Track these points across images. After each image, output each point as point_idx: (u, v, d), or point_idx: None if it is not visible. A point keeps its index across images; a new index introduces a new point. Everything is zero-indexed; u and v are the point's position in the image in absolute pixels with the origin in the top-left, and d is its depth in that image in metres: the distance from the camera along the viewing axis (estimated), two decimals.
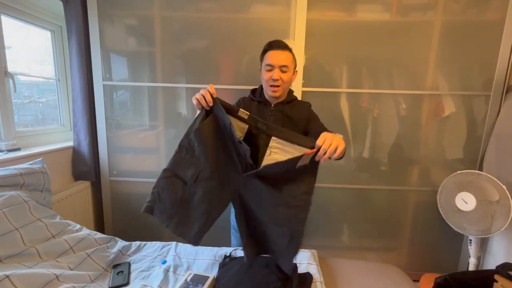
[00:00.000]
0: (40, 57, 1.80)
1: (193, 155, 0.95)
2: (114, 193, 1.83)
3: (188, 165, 0.95)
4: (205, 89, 0.94)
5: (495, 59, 1.58)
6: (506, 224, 1.32)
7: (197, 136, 0.94)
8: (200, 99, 0.92)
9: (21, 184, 1.12)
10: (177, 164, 0.96)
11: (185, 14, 1.63)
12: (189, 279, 0.97)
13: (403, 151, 1.72)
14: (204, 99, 0.92)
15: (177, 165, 0.95)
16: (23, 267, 0.89)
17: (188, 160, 0.95)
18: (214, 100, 0.93)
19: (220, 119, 0.95)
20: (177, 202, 0.94)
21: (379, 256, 1.87)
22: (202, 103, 0.92)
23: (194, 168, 0.95)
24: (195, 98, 0.93)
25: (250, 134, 0.98)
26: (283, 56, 1.10)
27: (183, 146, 0.96)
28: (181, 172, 0.95)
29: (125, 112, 1.77)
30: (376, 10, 1.59)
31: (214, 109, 0.95)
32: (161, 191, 0.95)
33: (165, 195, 0.94)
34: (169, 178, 0.95)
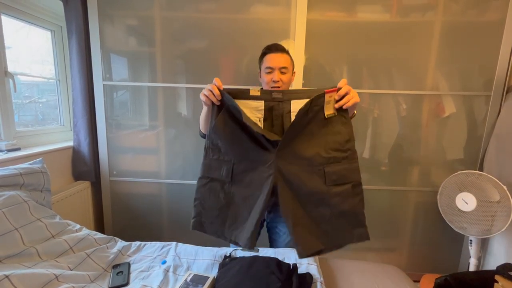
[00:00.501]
0: (40, 57, 1.80)
1: (220, 154, 0.94)
2: (114, 193, 1.83)
3: (219, 165, 0.94)
4: (212, 84, 0.93)
5: (495, 59, 1.58)
6: (506, 224, 1.32)
7: (217, 133, 0.93)
8: (209, 95, 0.92)
9: (21, 184, 1.12)
10: (209, 168, 0.95)
11: (185, 14, 1.63)
12: (189, 279, 0.96)
13: (403, 152, 1.72)
14: (212, 94, 0.92)
15: (209, 169, 0.95)
16: (23, 267, 0.89)
17: (217, 160, 0.94)
18: (221, 93, 0.93)
19: (232, 109, 0.94)
20: (223, 206, 0.93)
21: (379, 257, 1.86)
22: (212, 98, 0.92)
23: (226, 166, 0.94)
24: (203, 94, 0.93)
25: (270, 110, 0.95)
26: (282, 59, 1.14)
27: (208, 148, 0.95)
28: (216, 174, 0.94)
29: (125, 112, 1.77)
30: (376, 10, 1.59)
31: (224, 102, 0.94)
32: (203, 201, 0.94)
33: (209, 202, 0.94)
34: (206, 184, 0.95)
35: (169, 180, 1.80)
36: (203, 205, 0.94)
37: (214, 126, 0.93)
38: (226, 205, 0.93)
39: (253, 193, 0.92)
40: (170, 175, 1.80)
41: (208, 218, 0.94)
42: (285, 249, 1.21)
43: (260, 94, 0.94)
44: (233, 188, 0.93)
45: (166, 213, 1.85)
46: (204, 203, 0.94)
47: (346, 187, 0.90)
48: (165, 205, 1.84)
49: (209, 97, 0.92)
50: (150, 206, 1.84)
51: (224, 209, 0.93)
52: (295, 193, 0.92)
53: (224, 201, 0.93)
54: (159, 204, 1.84)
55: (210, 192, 0.94)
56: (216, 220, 0.94)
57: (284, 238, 1.25)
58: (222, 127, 0.93)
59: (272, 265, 0.99)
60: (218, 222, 0.94)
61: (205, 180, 0.95)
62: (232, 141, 0.93)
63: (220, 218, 0.93)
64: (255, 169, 0.93)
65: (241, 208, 0.93)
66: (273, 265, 0.99)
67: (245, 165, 0.93)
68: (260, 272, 0.97)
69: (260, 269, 0.98)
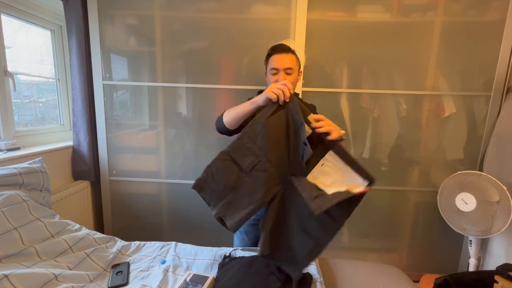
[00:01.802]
0: (40, 57, 1.80)
1: (254, 145, 0.96)
2: (113, 193, 1.82)
3: (247, 153, 0.96)
4: (283, 84, 0.94)
5: (496, 59, 1.58)
6: (506, 224, 1.32)
7: (264, 127, 0.95)
8: (279, 94, 0.93)
9: (20, 183, 1.12)
10: (236, 149, 0.97)
11: (185, 14, 1.63)
12: (188, 279, 0.96)
13: (403, 152, 1.72)
14: (283, 94, 0.93)
15: (236, 151, 0.97)
16: (22, 266, 0.89)
17: (248, 148, 0.96)
18: (291, 97, 0.95)
19: (290, 116, 0.96)
20: (229, 186, 0.96)
21: (379, 257, 1.86)
22: (281, 98, 0.94)
23: (253, 157, 0.96)
24: (272, 92, 0.94)
25: (309, 140, 0.98)
26: (287, 59, 1.13)
27: (246, 133, 0.97)
28: (239, 158, 0.96)
29: (125, 112, 1.77)
30: (377, 10, 1.59)
31: (287, 105, 0.96)
32: (215, 172, 0.96)
33: (219, 176, 0.96)
34: (225, 161, 0.97)
35: (169, 180, 1.80)
36: (213, 175, 0.97)
37: (266, 122, 0.95)
38: (232, 187, 0.96)
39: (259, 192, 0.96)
40: (169, 175, 1.80)
41: (211, 187, 0.97)
42: None
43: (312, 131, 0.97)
44: (247, 178, 0.96)
45: (166, 213, 1.85)
46: (214, 174, 0.96)
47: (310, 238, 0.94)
48: (164, 205, 1.84)
49: (279, 96, 0.93)
50: (149, 206, 1.84)
51: (228, 189, 0.96)
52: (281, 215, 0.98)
53: (233, 183, 0.96)
54: (158, 204, 1.84)
55: (226, 169, 0.96)
56: (215, 193, 0.97)
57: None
58: (272, 127, 0.95)
59: (271, 265, 0.99)
60: (216, 196, 0.97)
61: (226, 156, 0.97)
62: (272, 142, 0.96)
63: (220, 194, 0.97)
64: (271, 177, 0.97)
65: (244, 197, 0.96)
66: (273, 265, 0.99)
67: (269, 166, 0.96)
68: (260, 272, 0.97)
69: (260, 269, 0.98)
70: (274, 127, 0.96)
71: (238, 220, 0.94)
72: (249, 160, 0.96)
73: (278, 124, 0.96)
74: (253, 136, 0.97)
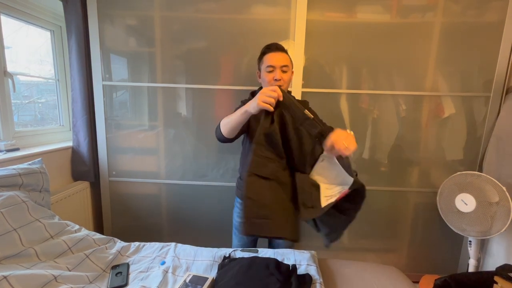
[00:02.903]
0: (40, 57, 1.80)
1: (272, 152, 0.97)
2: (113, 194, 1.82)
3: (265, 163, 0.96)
4: (272, 89, 0.92)
5: (495, 60, 1.58)
6: (506, 225, 1.32)
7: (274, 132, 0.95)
8: (272, 102, 0.91)
9: (20, 184, 1.12)
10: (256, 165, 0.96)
11: (185, 14, 1.63)
12: (188, 280, 0.96)
13: (403, 152, 1.72)
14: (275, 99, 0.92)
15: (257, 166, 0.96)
16: (21, 268, 0.89)
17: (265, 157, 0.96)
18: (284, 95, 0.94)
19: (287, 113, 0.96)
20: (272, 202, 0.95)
21: (378, 257, 1.86)
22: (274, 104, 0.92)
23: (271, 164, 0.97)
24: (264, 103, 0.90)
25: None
26: (282, 57, 1.14)
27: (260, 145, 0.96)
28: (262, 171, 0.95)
29: (124, 112, 1.76)
30: (376, 11, 1.59)
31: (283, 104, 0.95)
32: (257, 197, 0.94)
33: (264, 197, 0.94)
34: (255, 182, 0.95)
35: (169, 180, 1.80)
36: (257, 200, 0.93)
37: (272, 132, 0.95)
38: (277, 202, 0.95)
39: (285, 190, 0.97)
40: (169, 176, 1.79)
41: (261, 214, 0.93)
42: (284, 250, 1.20)
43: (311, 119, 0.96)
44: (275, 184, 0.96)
45: (166, 213, 1.85)
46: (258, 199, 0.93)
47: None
48: (164, 205, 1.84)
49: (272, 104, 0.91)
50: (149, 206, 1.83)
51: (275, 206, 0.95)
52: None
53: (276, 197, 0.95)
54: (158, 204, 1.84)
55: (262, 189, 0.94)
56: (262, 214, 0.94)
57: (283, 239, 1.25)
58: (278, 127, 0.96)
59: (271, 265, 0.99)
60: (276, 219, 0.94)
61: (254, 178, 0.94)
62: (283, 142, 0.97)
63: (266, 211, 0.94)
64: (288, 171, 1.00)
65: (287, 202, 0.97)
66: (273, 265, 0.99)
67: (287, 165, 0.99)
68: (260, 273, 0.97)
69: (260, 270, 0.98)
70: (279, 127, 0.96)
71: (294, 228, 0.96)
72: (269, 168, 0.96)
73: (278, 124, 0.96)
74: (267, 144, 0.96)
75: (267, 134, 0.95)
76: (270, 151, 0.96)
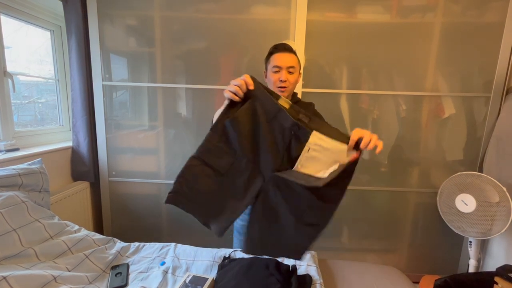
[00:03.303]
0: (40, 57, 1.80)
1: (227, 144, 0.90)
2: (113, 194, 1.82)
3: (220, 154, 0.90)
4: (241, 79, 0.85)
5: (495, 60, 1.58)
6: (506, 226, 1.32)
7: (234, 124, 0.88)
8: (237, 91, 0.84)
9: (19, 184, 1.11)
10: (207, 152, 0.91)
11: (185, 14, 1.63)
12: (188, 280, 0.96)
13: (403, 152, 1.72)
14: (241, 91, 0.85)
15: (207, 153, 0.91)
16: (21, 268, 0.88)
17: (221, 148, 0.90)
18: (255, 84, 0.86)
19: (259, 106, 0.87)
20: (207, 192, 0.91)
21: (379, 258, 1.86)
22: (240, 93, 0.84)
23: (227, 158, 0.90)
24: (229, 91, 0.85)
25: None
26: (289, 58, 1.12)
27: (215, 133, 0.90)
28: (212, 160, 0.90)
29: (124, 112, 1.76)
30: (376, 11, 1.59)
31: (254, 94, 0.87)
32: (190, 180, 0.91)
33: (195, 184, 0.91)
34: (197, 166, 0.91)
35: (169, 180, 1.79)
36: (187, 184, 0.91)
37: (235, 117, 0.87)
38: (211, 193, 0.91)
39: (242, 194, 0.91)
40: (169, 176, 1.79)
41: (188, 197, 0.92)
42: None
43: (288, 108, 0.88)
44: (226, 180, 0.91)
45: (165, 214, 1.84)
46: (189, 183, 0.91)
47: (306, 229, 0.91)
48: (164, 206, 1.83)
49: (237, 94, 0.85)
50: (149, 206, 1.83)
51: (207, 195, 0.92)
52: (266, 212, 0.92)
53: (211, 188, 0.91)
54: (158, 204, 1.83)
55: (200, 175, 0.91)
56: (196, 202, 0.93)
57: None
58: (243, 121, 0.87)
59: (271, 266, 0.99)
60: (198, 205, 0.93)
61: (197, 161, 0.91)
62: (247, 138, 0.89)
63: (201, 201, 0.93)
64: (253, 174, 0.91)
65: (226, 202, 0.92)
66: (272, 266, 0.98)
67: (247, 165, 0.90)
68: (260, 273, 0.97)
69: (260, 271, 0.98)
70: (244, 121, 0.87)
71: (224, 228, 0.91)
72: (224, 161, 0.90)
73: (248, 118, 0.87)
74: (222, 135, 0.90)
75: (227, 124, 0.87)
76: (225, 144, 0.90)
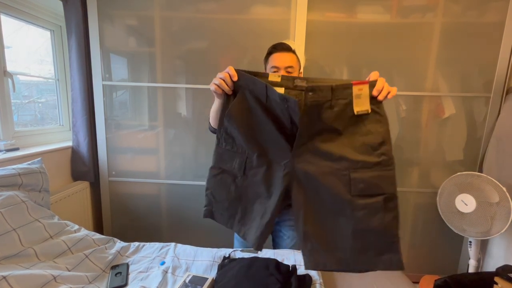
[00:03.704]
0: (40, 57, 1.80)
1: (233, 144, 0.86)
2: (113, 194, 1.82)
3: (232, 157, 0.86)
4: (224, 72, 0.82)
5: (495, 60, 1.58)
6: (506, 226, 1.32)
7: (231, 121, 0.83)
8: (220, 84, 0.81)
9: (19, 184, 1.11)
10: (220, 158, 0.88)
11: (185, 14, 1.63)
12: (188, 280, 0.96)
13: (403, 152, 1.72)
14: (224, 83, 0.81)
15: (221, 159, 0.88)
16: (21, 268, 0.88)
17: (229, 151, 0.87)
18: (239, 74, 0.81)
19: (250, 95, 0.82)
20: (233, 199, 0.87)
21: None
22: (224, 87, 0.81)
23: (238, 158, 0.86)
24: (214, 84, 0.83)
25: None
26: (287, 58, 1.11)
27: (221, 137, 0.87)
28: (227, 165, 0.87)
29: (124, 112, 1.76)
30: (376, 11, 1.59)
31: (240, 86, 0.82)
32: (214, 191, 0.89)
33: (219, 194, 0.88)
34: (217, 175, 0.88)
35: (169, 180, 1.80)
36: (213, 196, 0.89)
37: (228, 113, 0.83)
38: (237, 199, 0.87)
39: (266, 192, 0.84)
40: (169, 176, 1.79)
41: (219, 209, 0.89)
42: (284, 250, 1.20)
43: (281, 80, 0.82)
44: (245, 182, 0.86)
45: (165, 213, 1.84)
46: (214, 194, 0.89)
47: (375, 200, 0.76)
48: (164, 205, 1.83)
49: (221, 86, 0.82)
50: (149, 206, 1.83)
51: (234, 203, 0.87)
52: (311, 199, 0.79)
53: (235, 194, 0.87)
54: (158, 204, 1.83)
55: (221, 184, 0.88)
56: (226, 212, 0.89)
57: (288, 242, 1.23)
58: (238, 115, 0.83)
59: (271, 266, 0.99)
60: (228, 215, 0.89)
61: (216, 171, 0.89)
62: (248, 132, 0.83)
63: (230, 211, 0.88)
64: (270, 166, 0.83)
65: (253, 205, 0.86)
66: (272, 266, 0.98)
67: (260, 160, 0.84)
68: (260, 273, 0.96)
69: (260, 270, 0.98)
70: (240, 115, 0.82)
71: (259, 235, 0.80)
72: (237, 163, 0.86)
73: (242, 109, 0.82)
74: (226, 136, 0.86)
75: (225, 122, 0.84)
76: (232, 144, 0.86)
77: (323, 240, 0.78)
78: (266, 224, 0.80)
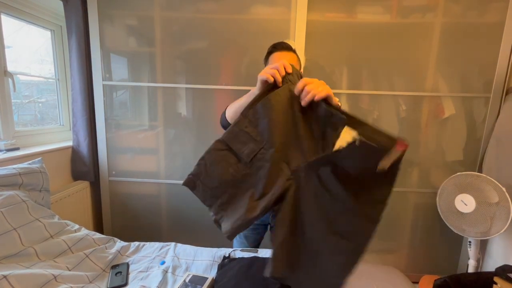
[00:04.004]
0: (40, 57, 1.80)
1: (255, 129, 0.80)
2: (113, 194, 1.82)
3: (246, 140, 0.80)
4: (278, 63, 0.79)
5: (495, 61, 1.58)
6: (505, 226, 1.32)
7: (266, 106, 0.77)
8: (274, 73, 0.77)
9: (20, 184, 1.12)
10: (233, 136, 0.81)
11: (185, 14, 1.63)
12: (187, 280, 0.96)
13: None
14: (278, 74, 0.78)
15: (234, 138, 0.81)
16: (21, 267, 0.89)
17: (247, 133, 0.80)
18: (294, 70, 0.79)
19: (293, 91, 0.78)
20: (226, 181, 0.81)
21: (378, 258, 1.86)
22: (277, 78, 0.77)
23: (253, 145, 0.79)
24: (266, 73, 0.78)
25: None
26: (288, 57, 1.10)
27: (246, 116, 0.80)
28: (237, 146, 0.80)
29: (124, 112, 1.76)
30: (376, 11, 1.59)
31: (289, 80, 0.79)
32: (209, 164, 0.82)
33: (214, 169, 0.81)
34: (221, 151, 0.82)
35: (169, 180, 1.80)
36: (206, 169, 0.83)
37: (267, 99, 0.77)
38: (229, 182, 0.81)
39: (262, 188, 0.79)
40: (169, 176, 1.79)
41: (205, 184, 0.83)
42: None
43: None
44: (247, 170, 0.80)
45: (165, 213, 1.85)
46: (208, 167, 0.83)
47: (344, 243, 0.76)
48: (164, 205, 1.84)
49: (274, 76, 0.77)
50: (149, 206, 1.83)
51: (225, 185, 0.81)
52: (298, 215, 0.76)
53: (231, 177, 0.81)
54: (158, 204, 1.84)
55: (221, 161, 0.81)
56: (211, 190, 0.83)
57: None
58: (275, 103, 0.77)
59: None
60: (211, 193, 0.83)
61: (222, 146, 0.82)
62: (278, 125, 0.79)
63: (216, 191, 0.82)
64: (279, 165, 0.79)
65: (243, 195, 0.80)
66: None
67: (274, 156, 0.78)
68: (259, 273, 0.97)
69: (259, 270, 0.98)
70: (278, 107, 0.77)
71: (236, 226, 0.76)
72: (248, 149, 0.79)
73: (283, 100, 0.77)
74: (253, 119, 0.79)
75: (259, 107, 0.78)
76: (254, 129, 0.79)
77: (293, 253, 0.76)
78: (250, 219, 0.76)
